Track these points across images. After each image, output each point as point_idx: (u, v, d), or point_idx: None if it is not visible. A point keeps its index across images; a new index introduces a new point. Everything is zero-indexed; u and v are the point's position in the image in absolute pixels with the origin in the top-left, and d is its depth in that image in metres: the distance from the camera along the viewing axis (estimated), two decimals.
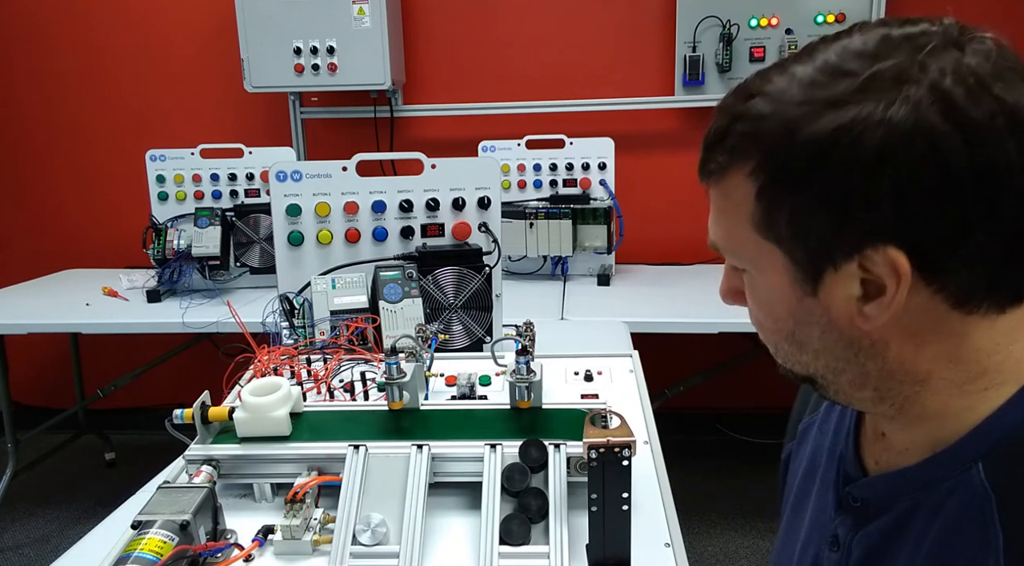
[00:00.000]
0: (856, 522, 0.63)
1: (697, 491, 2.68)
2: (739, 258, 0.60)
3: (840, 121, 0.49)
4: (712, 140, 0.57)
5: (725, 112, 0.57)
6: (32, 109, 3.09)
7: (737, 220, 0.56)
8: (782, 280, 0.56)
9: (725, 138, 0.56)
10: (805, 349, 0.59)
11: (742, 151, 0.54)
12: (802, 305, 0.56)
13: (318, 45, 2.58)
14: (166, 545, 0.70)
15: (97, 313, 2.25)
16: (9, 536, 2.61)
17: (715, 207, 0.60)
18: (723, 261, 0.64)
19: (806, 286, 0.55)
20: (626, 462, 0.73)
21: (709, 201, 0.61)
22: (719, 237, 0.61)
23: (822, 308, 0.55)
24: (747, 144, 0.54)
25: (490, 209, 1.51)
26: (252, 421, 0.91)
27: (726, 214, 0.58)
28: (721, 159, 0.56)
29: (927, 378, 0.55)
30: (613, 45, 2.84)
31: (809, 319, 0.56)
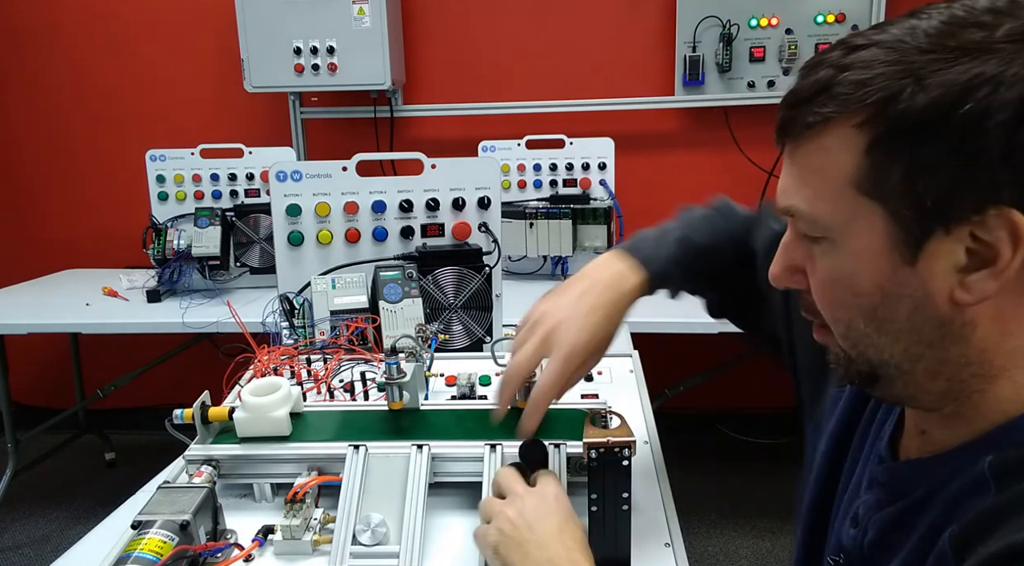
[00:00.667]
0: (877, 503, 0.63)
1: (697, 491, 2.68)
2: (823, 223, 0.54)
3: (977, 70, 0.46)
4: (810, 92, 0.53)
5: (825, 65, 0.53)
6: (31, 109, 3.09)
7: (832, 177, 0.53)
8: (878, 245, 0.52)
9: (830, 88, 0.51)
10: (885, 329, 0.55)
11: (853, 100, 0.50)
12: (896, 275, 0.52)
13: (318, 45, 2.58)
14: (166, 545, 0.70)
15: (97, 313, 2.25)
16: (9, 536, 2.61)
17: (801, 166, 0.55)
18: None
19: (906, 252, 0.51)
20: (626, 462, 0.74)
21: (786, 162, 0.57)
22: (802, 198, 0.55)
23: (919, 279, 0.51)
24: (859, 92, 0.50)
25: (490, 209, 1.51)
26: (252, 421, 0.91)
27: (817, 172, 0.54)
28: (825, 110, 0.52)
29: (998, 374, 0.54)
30: (613, 45, 2.84)
31: (900, 291, 0.53)
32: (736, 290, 0.94)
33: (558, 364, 0.77)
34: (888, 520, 0.61)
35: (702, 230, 0.89)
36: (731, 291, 0.95)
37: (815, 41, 2.61)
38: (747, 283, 0.92)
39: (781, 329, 0.88)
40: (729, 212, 0.94)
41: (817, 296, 0.59)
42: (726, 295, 0.97)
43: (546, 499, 0.73)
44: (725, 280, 0.93)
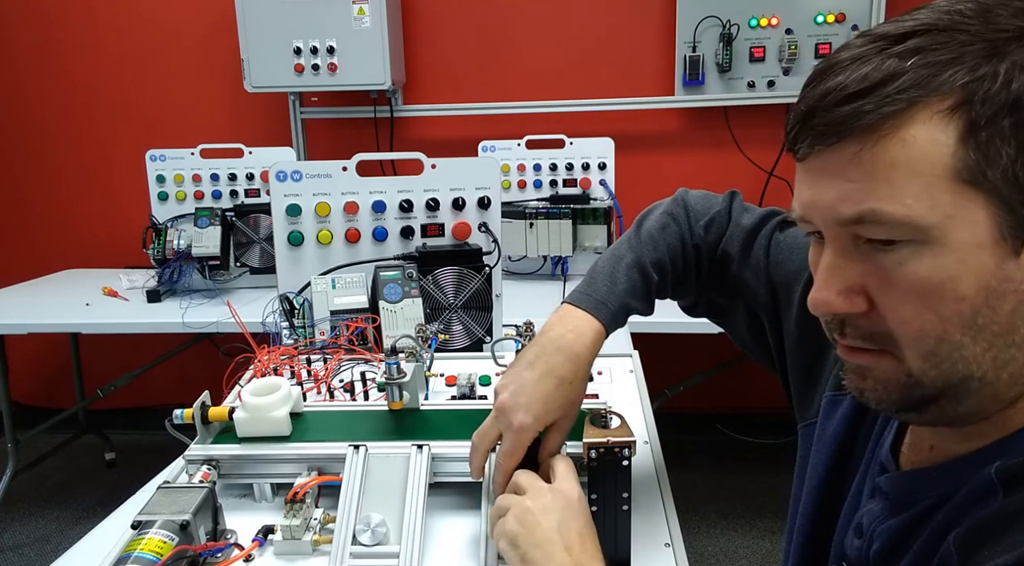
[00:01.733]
0: (882, 513, 0.62)
1: (697, 491, 2.69)
2: (917, 223, 0.48)
3: None
4: (873, 82, 0.48)
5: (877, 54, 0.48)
6: (31, 109, 3.09)
7: (923, 171, 0.47)
8: (982, 239, 0.47)
9: (902, 74, 0.47)
10: (982, 337, 0.50)
11: (938, 84, 0.46)
12: (1002, 270, 0.48)
13: (318, 45, 2.58)
14: (166, 545, 0.70)
15: (97, 313, 2.25)
16: (9, 536, 2.61)
17: (873, 164, 0.49)
18: None
19: (1015, 242, 0.47)
20: (626, 462, 0.74)
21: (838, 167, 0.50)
22: (879, 202, 0.49)
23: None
24: (947, 74, 0.46)
25: (490, 209, 1.51)
26: (252, 421, 0.91)
27: (900, 169, 0.48)
28: (904, 98, 0.47)
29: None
30: (613, 45, 2.84)
31: (1005, 288, 0.48)
32: (705, 291, 0.94)
33: (509, 439, 0.78)
34: (895, 531, 0.60)
35: (656, 245, 0.88)
36: (700, 293, 0.95)
37: (815, 41, 2.61)
38: (717, 283, 0.92)
39: (768, 326, 0.87)
40: (688, 212, 0.91)
41: (897, 314, 0.51)
42: (696, 298, 0.96)
43: (571, 500, 0.72)
44: (690, 286, 0.93)
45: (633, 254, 0.87)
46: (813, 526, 0.74)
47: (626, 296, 0.84)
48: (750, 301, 0.89)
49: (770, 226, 0.88)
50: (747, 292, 0.89)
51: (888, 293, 0.51)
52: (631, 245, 0.89)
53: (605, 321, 0.82)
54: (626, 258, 0.87)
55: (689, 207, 0.92)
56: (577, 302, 0.84)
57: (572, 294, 0.86)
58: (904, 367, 0.53)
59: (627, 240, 0.90)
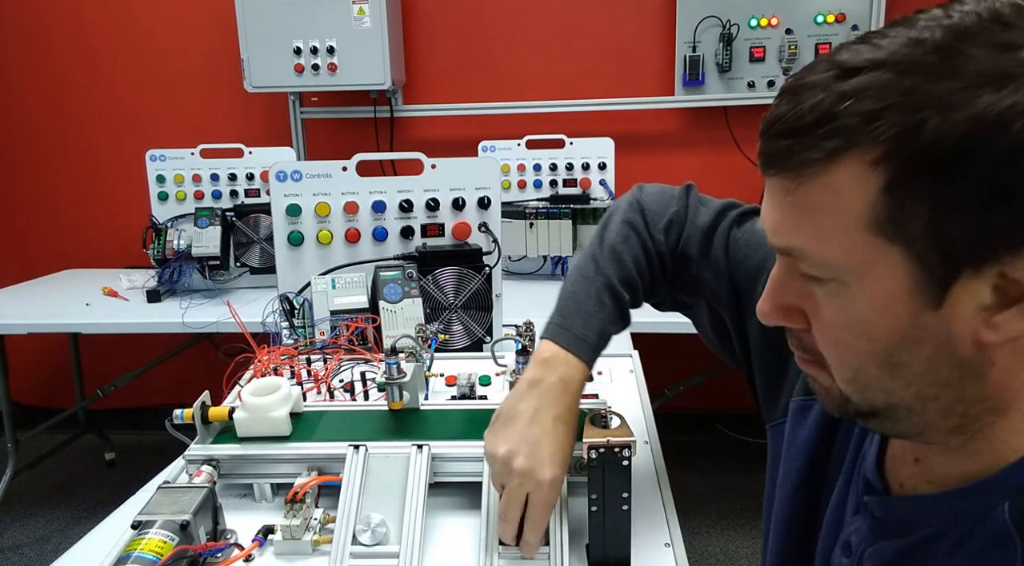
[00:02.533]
0: (872, 534, 0.61)
1: (697, 491, 2.69)
2: (832, 266, 0.49)
3: (1010, 101, 0.42)
4: (808, 121, 0.47)
5: (818, 88, 0.47)
6: (32, 109, 3.09)
7: (842, 218, 0.47)
8: (897, 289, 0.48)
9: (831, 118, 0.46)
10: (899, 374, 0.51)
11: (865, 134, 0.45)
12: (916, 319, 0.48)
13: (318, 45, 2.58)
14: (166, 545, 0.70)
15: (97, 313, 2.25)
16: (9, 536, 2.61)
17: (801, 204, 0.49)
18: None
19: (931, 295, 0.47)
20: (626, 462, 0.74)
21: (778, 196, 0.51)
22: (805, 239, 0.50)
23: (941, 322, 0.48)
24: (873, 126, 0.45)
25: (490, 209, 1.51)
26: (252, 421, 0.91)
27: (823, 213, 0.48)
28: (830, 145, 0.46)
29: (1008, 407, 0.51)
30: (613, 45, 2.84)
31: (920, 336, 0.49)
32: (670, 291, 0.94)
33: (542, 496, 0.76)
34: (889, 556, 0.59)
35: (622, 262, 0.87)
36: (666, 293, 0.94)
37: (815, 41, 2.61)
38: (679, 283, 0.91)
39: (731, 324, 0.87)
40: (646, 217, 0.90)
41: (822, 340, 0.54)
42: (662, 297, 0.96)
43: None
44: (659, 289, 0.92)
45: (602, 277, 0.86)
46: (789, 533, 0.74)
47: (603, 325, 0.85)
48: (712, 300, 0.88)
49: (727, 222, 0.87)
50: (708, 292, 0.88)
51: (816, 320, 0.54)
52: (598, 266, 0.87)
53: (587, 358, 0.83)
54: (595, 282, 0.86)
55: (646, 210, 0.90)
56: (557, 339, 0.83)
57: (549, 328, 0.85)
58: (837, 384, 0.55)
59: (592, 258, 0.89)
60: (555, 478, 0.76)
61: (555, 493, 0.77)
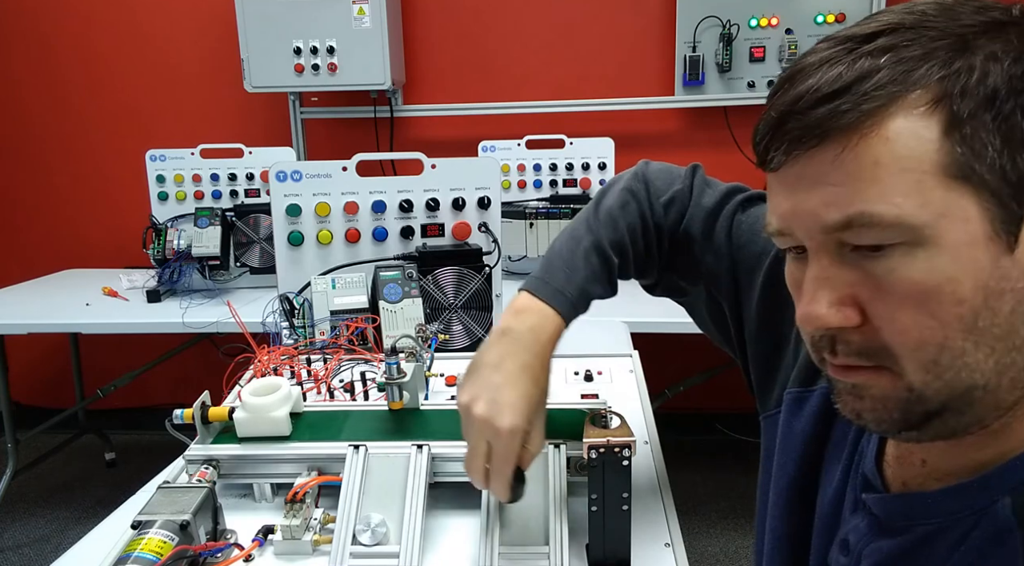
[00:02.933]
0: (870, 532, 0.59)
1: (697, 491, 2.69)
2: (909, 222, 0.45)
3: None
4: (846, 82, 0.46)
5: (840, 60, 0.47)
6: (32, 109, 3.09)
7: (909, 168, 0.45)
8: (976, 235, 0.45)
9: (877, 72, 0.45)
10: (983, 340, 0.47)
11: (917, 78, 0.45)
12: (998, 268, 0.46)
13: (318, 45, 2.58)
14: (166, 545, 0.70)
15: (97, 313, 2.25)
16: (9, 536, 2.61)
17: (859, 167, 0.46)
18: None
19: (1007, 236, 0.45)
20: (626, 462, 0.73)
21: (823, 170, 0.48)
22: (867, 203, 0.46)
23: (1018, 265, 0.46)
24: (922, 69, 0.45)
25: (490, 209, 1.52)
26: (252, 421, 0.91)
27: (885, 168, 0.45)
28: (880, 94, 0.45)
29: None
30: (613, 45, 2.84)
31: (1003, 286, 0.46)
32: (666, 272, 0.90)
33: (502, 445, 0.73)
34: (888, 554, 0.57)
35: (616, 225, 0.83)
36: (661, 274, 0.91)
37: (815, 41, 2.55)
38: (677, 265, 0.88)
39: (728, 311, 0.85)
40: (649, 188, 0.87)
41: (896, 322, 0.48)
42: (656, 279, 0.92)
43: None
44: (651, 265, 0.89)
45: (592, 236, 0.83)
46: (786, 528, 0.73)
47: (586, 283, 0.81)
48: (710, 285, 0.86)
49: (732, 205, 0.85)
50: (708, 275, 0.85)
51: (882, 302, 0.48)
52: (589, 226, 0.84)
53: (564, 312, 0.79)
54: (584, 241, 0.82)
55: (650, 183, 0.88)
56: (534, 290, 0.80)
57: (529, 280, 0.82)
58: (904, 382, 0.49)
59: (585, 220, 0.86)
60: (514, 427, 0.72)
61: (515, 442, 0.72)
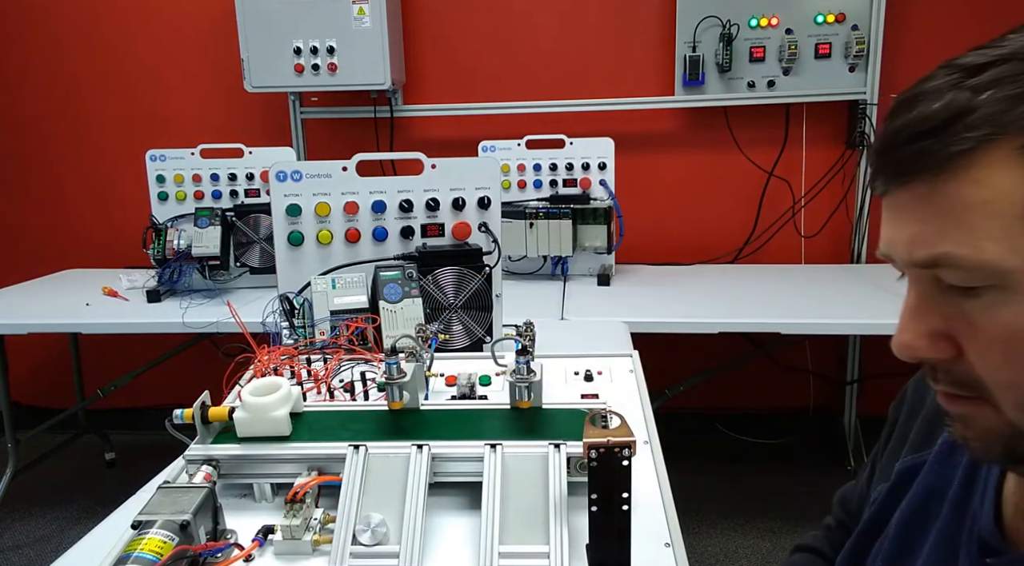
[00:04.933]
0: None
1: (697, 491, 2.69)
2: (994, 268, 0.45)
3: None
4: (941, 119, 0.45)
5: (944, 89, 0.46)
6: (32, 109, 3.09)
7: (996, 214, 0.44)
8: None
9: (973, 111, 0.44)
10: None
11: (1011, 120, 0.43)
12: None
13: (318, 45, 2.58)
14: (166, 545, 0.70)
15: (97, 313, 2.25)
16: (9, 536, 2.61)
17: (948, 207, 0.46)
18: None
19: None
20: (626, 462, 0.73)
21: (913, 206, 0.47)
22: (953, 246, 0.46)
23: None
24: (1019, 109, 0.43)
25: (490, 209, 1.51)
26: (252, 421, 0.91)
27: (974, 210, 0.45)
28: (974, 136, 0.44)
29: None
30: (613, 45, 2.84)
31: None
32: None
33: None
34: None
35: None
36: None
37: (815, 41, 2.61)
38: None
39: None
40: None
41: (988, 361, 0.48)
42: None
43: None
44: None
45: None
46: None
47: None
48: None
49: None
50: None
51: (975, 340, 0.48)
52: None
53: None
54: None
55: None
56: None
57: None
58: (1004, 417, 0.49)
59: None
60: None
61: None
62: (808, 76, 2.63)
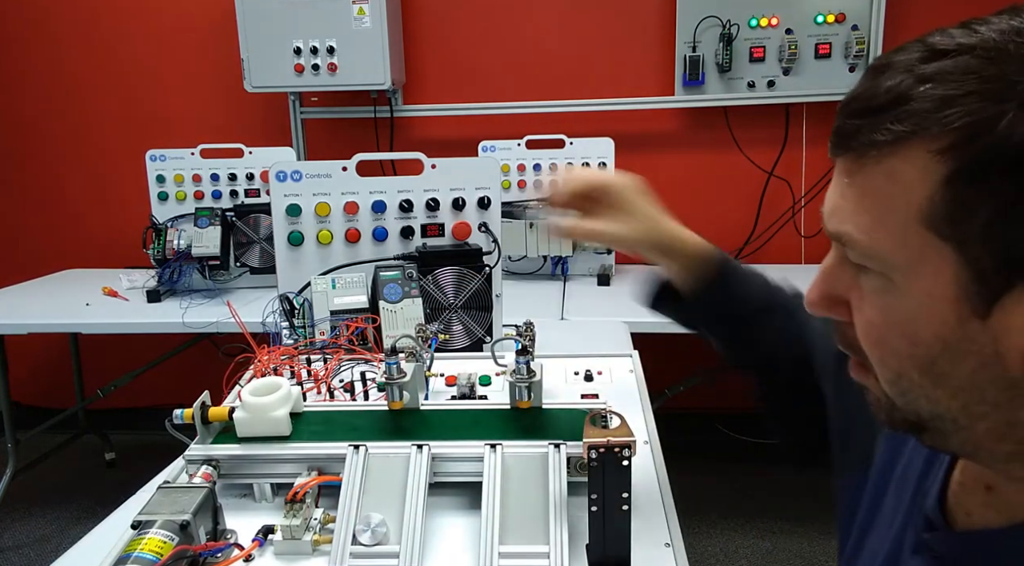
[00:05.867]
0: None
1: (697, 491, 2.68)
2: (881, 258, 0.47)
3: None
4: (882, 102, 0.45)
5: (900, 69, 0.44)
6: (32, 109, 3.09)
7: (899, 208, 0.45)
8: (945, 292, 0.44)
9: (906, 100, 0.43)
10: (943, 383, 0.47)
11: (936, 121, 0.42)
12: (963, 328, 0.45)
13: (318, 45, 2.58)
14: (166, 545, 0.70)
15: (97, 313, 2.25)
16: (9, 536, 2.61)
17: (861, 188, 0.47)
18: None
19: (978, 304, 0.43)
20: (626, 462, 0.73)
21: (840, 179, 0.49)
22: (859, 227, 0.47)
23: (990, 335, 0.44)
24: (945, 112, 0.42)
25: (490, 209, 1.51)
26: (252, 421, 0.91)
27: (881, 199, 0.46)
28: (899, 128, 0.43)
29: None
30: (613, 45, 2.84)
31: (966, 347, 0.45)
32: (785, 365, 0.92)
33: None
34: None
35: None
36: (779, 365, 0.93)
37: (815, 41, 2.61)
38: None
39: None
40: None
41: (863, 336, 0.51)
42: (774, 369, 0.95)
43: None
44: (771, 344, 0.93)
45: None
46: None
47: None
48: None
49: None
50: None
51: (859, 313, 0.51)
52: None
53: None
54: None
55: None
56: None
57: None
58: (883, 388, 0.51)
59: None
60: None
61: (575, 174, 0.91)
62: (808, 76, 2.64)
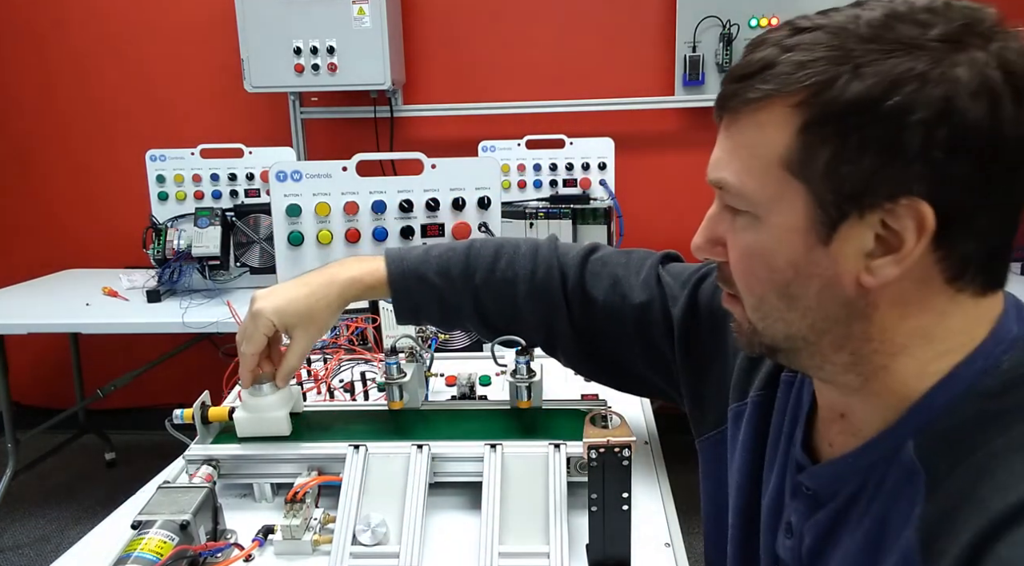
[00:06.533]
0: (808, 509, 0.64)
1: (697, 491, 2.68)
2: (749, 198, 0.56)
3: (908, 65, 0.48)
4: (755, 68, 0.54)
5: (770, 43, 0.54)
6: (32, 109, 3.09)
7: (763, 155, 0.54)
8: (797, 224, 0.54)
9: (772, 66, 0.53)
10: (795, 305, 0.57)
11: (792, 81, 0.51)
12: (810, 255, 0.54)
13: (318, 45, 2.58)
14: (166, 545, 0.70)
15: (97, 313, 2.25)
16: (9, 536, 2.61)
17: (735, 140, 0.57)
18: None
19: (822, 233, 0.53)
20: (626, 462, 0.73)
21: (720, 135, 0.59)
22: (732, 172, 0.57)
23: (830, 259, 0.54)
24: (800, 73, 0.51)
25: (490, 209, 1.52)
26: (252, 421, 0.91)
27: (750, 148, 0.55)
28: (766, 87, 0.53)
29: (900, 352, 0.55)
30: (613, 45, 2.84)
31: (812, 271, 0.55)
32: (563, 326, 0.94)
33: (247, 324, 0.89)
34: (823, 524, 0.62)
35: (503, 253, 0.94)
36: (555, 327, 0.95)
37: None
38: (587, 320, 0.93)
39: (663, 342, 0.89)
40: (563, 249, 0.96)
41: (735, 268, 0.60)
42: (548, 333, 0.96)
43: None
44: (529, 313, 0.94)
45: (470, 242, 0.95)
46: (743, 536, 0.75)
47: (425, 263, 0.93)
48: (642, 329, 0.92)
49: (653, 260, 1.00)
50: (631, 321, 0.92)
51: (732, 250, 0.60)
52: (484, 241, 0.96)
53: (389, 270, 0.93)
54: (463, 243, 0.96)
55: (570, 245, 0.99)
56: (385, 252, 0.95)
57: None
58: (747, 315, 0.61)
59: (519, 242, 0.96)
60: (260, 310, 0.88)
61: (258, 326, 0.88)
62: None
